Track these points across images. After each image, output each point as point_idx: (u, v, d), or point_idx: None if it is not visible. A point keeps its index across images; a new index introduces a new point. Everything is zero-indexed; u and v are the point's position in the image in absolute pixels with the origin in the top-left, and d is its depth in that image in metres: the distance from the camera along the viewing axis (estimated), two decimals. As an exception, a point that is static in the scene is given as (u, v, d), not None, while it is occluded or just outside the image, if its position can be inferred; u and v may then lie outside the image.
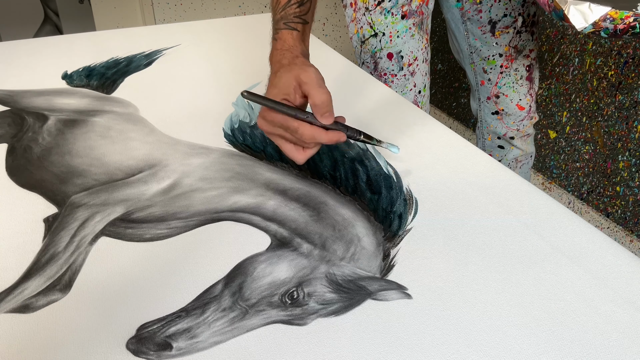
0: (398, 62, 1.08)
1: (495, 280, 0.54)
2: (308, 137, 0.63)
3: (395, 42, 1.06)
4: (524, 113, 1.18)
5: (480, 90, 1.20)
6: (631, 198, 1.69)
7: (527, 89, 1.16)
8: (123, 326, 0.50)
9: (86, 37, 1.29)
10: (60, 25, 2.67)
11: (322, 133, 0.64)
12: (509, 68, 1.14)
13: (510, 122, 1.19)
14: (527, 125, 1.21)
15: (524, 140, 1.23)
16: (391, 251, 0.59)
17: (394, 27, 1.05)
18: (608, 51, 1.67)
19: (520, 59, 1.13)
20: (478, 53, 1.15)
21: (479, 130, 1.28)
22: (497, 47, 1.13)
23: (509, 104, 1.18)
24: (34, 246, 0.60)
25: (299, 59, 0.69)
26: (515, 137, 1.21)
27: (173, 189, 0.69)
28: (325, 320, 0.50)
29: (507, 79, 1.15)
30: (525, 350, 0.47)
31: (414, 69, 1.09)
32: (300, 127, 0.63)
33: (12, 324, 0.50)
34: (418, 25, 1.07)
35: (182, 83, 1.03)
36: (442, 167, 0.74)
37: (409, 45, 1.07)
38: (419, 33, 1.08)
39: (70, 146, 0.79)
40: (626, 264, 0.56)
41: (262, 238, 0.61)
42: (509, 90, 1.16)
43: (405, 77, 1.10)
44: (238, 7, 2.44)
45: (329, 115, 0.64)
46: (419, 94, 1.12)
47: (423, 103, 1.14)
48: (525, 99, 1.17)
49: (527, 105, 1.18)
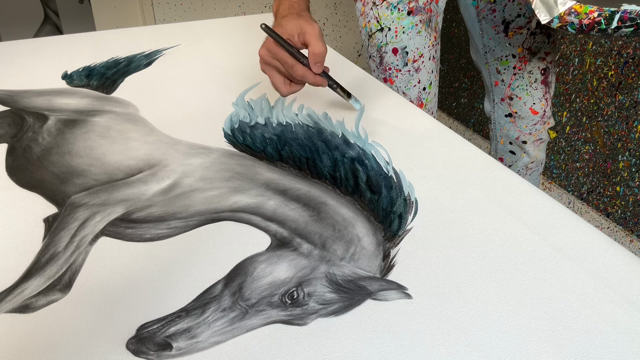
0: (403, 58, 1.09)
1: (495, 280, 0.54)
2: (299, 74, 0.78)
3: (400, 37, 1.07)
4: (537, 117, 1.16)
5: (494, 91, 1.19)
6: (631, 198, 1.69)
7: (542, 92, 1.14)
8: (123, 326, 0.50)
9: (86, 37, 1.29)
10: (60, 25, 2.67)
11: (311, 75, 0.78)
12: (522, 70, 1.12)
13: (523, 125, 1.17)
14: (541, 130, 1.18)
15: (537, 146, 1.20)
16: (391, 251, 0.58)
17: (400, 22, 1.06)
18: (608, 51, 1.67)
19: (534, 61, 1.11)
20: (492, 53, 1.14)
21: (492, 132, 1.26)
22: (510, 48, 1.11)
23: (522, 106, 1.15)
24: (34, 246, 0.60)
25: (305, 13, 0.83)
26: (528, 142, 1.19)
27: (173, 189, 0.69)
28: (325, 320, 0.50)
29: (520, 80, 1.13)
30: (525, 350, 0.47)
31: (419, 65, 1.09)
32: (296, 65, 0.77)
33: (12, 324, 0.50)
34: (426, 22, 1.07)
35: (182, 83, 1.03)
36: (442, 167, 0.74)
37: (415, 41, 1.07)
38: (427, 30, 1.08)
39: (70, 146, 0.79)
40: (626, 264, 0.56)
41: (262, 238, 0.61)
42: (523, 92, 1.14)
43: (410, 73, 1.10)
44: (238, 7, 2.44)
45: (320, 66, 0.78)
46: (423, 91, 1.12)
47: (428, 100, 1.14)
48: (540, 104, 1.15)
49: (541, 110, 1.15)
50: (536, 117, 1.16)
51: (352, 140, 0.77)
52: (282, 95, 0.82)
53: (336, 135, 0.79)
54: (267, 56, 0.80)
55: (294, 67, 0.77)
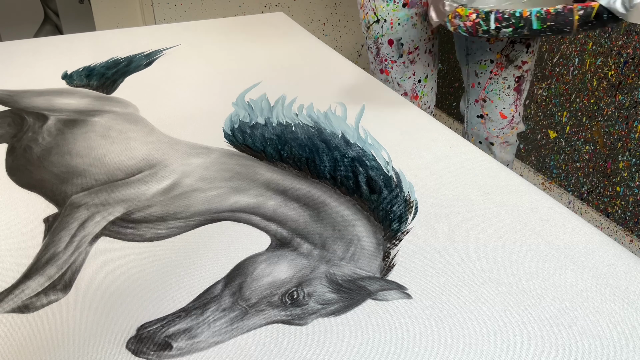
0: (398, 49, 1.12)
1: (495, 280, 0.54)
2: None
3: (396, 29, 1.10)
4: (505, 122, 1.21)
5: (470, 92, 1.24)
6: (631, 198, 1.69)
7: (513, 99, 1.18)
8: (123, 326, 0.50)
9: (86, 37, 1.29)
10: (60, 25, 2.67)
11: None
12: (498, 75, 1.16)
13: (492, 128, 1.22)
14: (508, 134, 1.23)
15: (503, 148, 1.25)
16: (391, 251, 0.58)
17: (395, 14, 1.09)
18: (608, 51, 1.67)
19: (510, 68, 1.15)
20: (473, 55, 1.18)
21: (464, 130, 1.31)
22: (490, 53, 1.15)
23: (493, 110, 1.20)
24: (34, 246, 0.60)
25: None
26: (495, 144, 1.24)
27: (173, 189, 0.69)
28: (325, 320, 0.50)
29: (494, 85, 1.18)
30: (525, 350, 0.47)
31: (414, 57, 1.13)
32: None
33: (12, 324, 0.50)
34: (422, 15, 1.10)
35: (182, 83, 1.03)
36: (442, 167, 0.74)
37: (410, 33, 1.11)
38: (422, 24, 1.11)
39: (70, 146, 0.79)
40: (626, 264, 0.56)
41: (262, 238, 0.61)
42: (495, 96, 1.19)
43: (405, 65, 1.14)
44: (238, 7, 2.44)
45: None
46: (418, 83, 1.16)
47: (423, 93, 1.18)
48: (509, 109, 1.19)
49: (509, 115, 1.20)
50: (504, 122, 1.21)
51: (352, 140, 0.77)
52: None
53: (336, 135, 0.79)
54: None
55: None
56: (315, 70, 1.07)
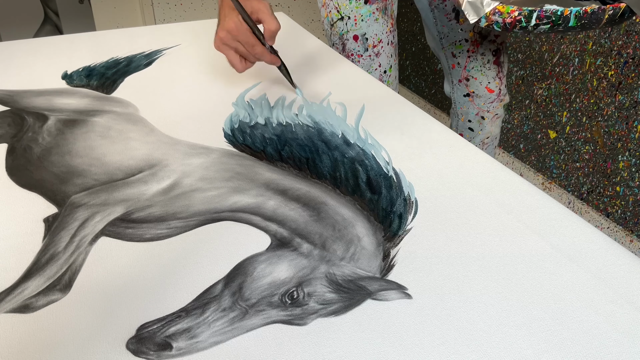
0: (363, 44, 1.18)
1: (495, 280, 0.54)
2: (258, 53, 0.87)
3: (360, 25, 1.16)
4: (493, 95, 1.25)
5: (452, 74, 1.28)
6: (631, 198, 1.69)
7: (495, 72, 1.22)
8: (123, 326, 0.50)
9: (86, 37, 1.29)
10: (60, 25, 2.68)
11: (267, 54, 0.88)
12: (475, 52, 1.21)
13: (481, 103, 1.26)
14: (497, 107, 1.28)
15: (493, 122, 1.30)
16: (391, 251, 0.58)
17: (358, 11, 1.15)
18: (608, 51, 1.67)
19: (485, 43, 1.19)
20: (447, 38, 1.23)
21: (453, 111, 1.35)
22: (462, 33, 1.20)
23: (478, 86, 1.24)
24: (34, 246, 0.60)
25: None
26: (486, 118, 1.28)
27: (173, 189, 0.69)
28: (325, 320, 0.50)
29: (474, 62, 1.22)
30: (525, 350, 0.47)
31: (378, 50, 1.19)
32: (256, 45, 0.86)
33: (12, 324, 0.50)
34: (382, 10, 1.17)
35: (182, 83, 1.03)
36: (442, 167, 0.74)
37: (373, 28, 1.16)
38: (383, 17, 1.17)
39: (70, 146, 0.79)
40: (626, 264, 0.56)
41: (262, 238, 0.61)
42: (477, 73, 1.23)
43: (371, 58, 1.19)
44: (238, 7, 2.43)
45: (274, 41, 0.87)
46: (384, 74, 1.22)
47: (389, 82, 1.23)
48: (494, 82, 1.23)
49: (496, 88, 1.24)
50: (492, 95, 1.25)
51: (352, 140, 0.77)
52: (239, 72, 0.89)
53: (336, 135, 0.79)
54: (228, 38, 0.86)
55: (255, 47, 0.86)
56: (315, 70, 1.07)
